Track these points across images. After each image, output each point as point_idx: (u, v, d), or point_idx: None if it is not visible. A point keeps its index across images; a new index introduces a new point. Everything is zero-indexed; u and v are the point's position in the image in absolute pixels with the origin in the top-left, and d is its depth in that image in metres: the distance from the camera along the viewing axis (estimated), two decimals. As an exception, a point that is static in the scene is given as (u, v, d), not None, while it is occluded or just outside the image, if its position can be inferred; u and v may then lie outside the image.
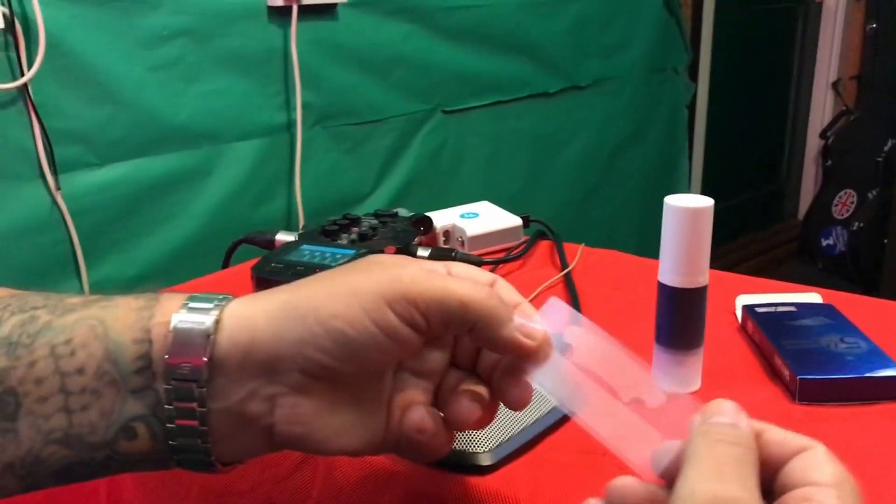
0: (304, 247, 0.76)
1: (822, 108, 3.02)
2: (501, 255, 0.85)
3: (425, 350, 0.42)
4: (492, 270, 0.81)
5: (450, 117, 1.81)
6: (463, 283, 0.40)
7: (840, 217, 2.82)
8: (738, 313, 0.69)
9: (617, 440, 0.37)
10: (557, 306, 0.43)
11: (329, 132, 1.57)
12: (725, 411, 0.35)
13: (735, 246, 2.90)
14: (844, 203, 2.82)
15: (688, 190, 2.39)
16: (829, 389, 0.56)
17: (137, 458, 0.39)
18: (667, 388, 0.41)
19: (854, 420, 0.55)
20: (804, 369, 0.57)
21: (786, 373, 0.58)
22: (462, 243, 0.86)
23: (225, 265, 0.87)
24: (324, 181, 1.58)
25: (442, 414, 0.43)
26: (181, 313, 0.39)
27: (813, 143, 3.05)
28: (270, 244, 0.82)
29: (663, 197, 0.57)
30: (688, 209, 0.55)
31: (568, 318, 0.42)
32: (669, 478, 0.36)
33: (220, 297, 0.40)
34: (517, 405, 0.42)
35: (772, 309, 0.67)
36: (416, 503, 0.50)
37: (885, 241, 2.42)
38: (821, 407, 0.56)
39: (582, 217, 2.15)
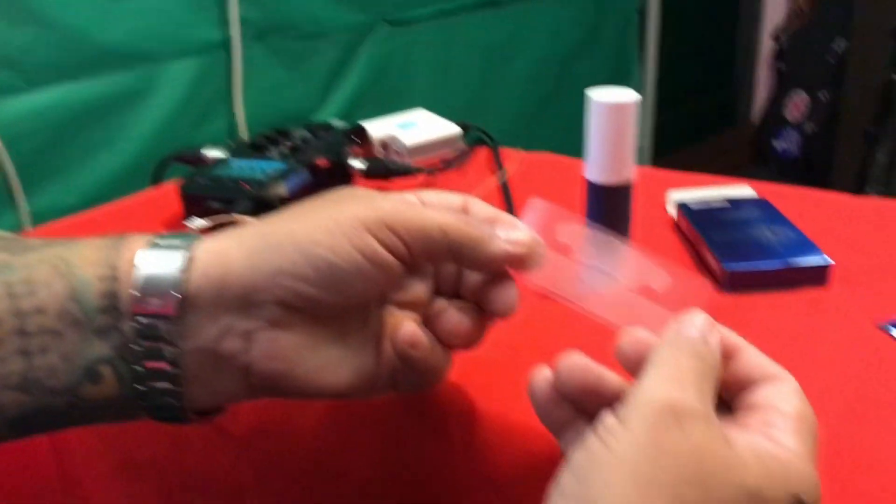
0: (233, 162, 0.74)
1: (774, 10, 2.99)
2: (439, 165, 0.83)
3: (408, 281, 0.41)
4: (429, 178, 0.80)
5: (396, 29, 1.76)
6: (441, 211, 0.39)
7: (793, 120, 2.83)
8: (672, 210, 0.69)
9: (629, 324, 0.37)
10: (541, 207, 0.42)
11: (270, 48, 1.52)
12: (698, 325, 0.35)
13: (690, 152, 2.91)
14: (797, 105, 2.83)
15: (641, 98, 2.37)
16: (756, 279, 0.57)
17: (102, 406, 0.37)
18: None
19: (781, 307, 0.56)
20: (732, 260, 0.57)
21: (714, 264, 0.59)
22: (399, 153, 0.85)
23: (154, 183, 0.85)
24: (267, 99, 1.54)
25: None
26: (150, 250, 0.37)
27: (766, 46, 3.04)
28: (199, 160, 0.80)
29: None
30: (611, 105, 0.54)
31: (555, 216, 0.42)
32: (630, 365, 0.36)
33: (190, 235, 0.38)
34: (506, 310, 0.41)
35: (704, 204, 0.67)
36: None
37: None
38: (749, 296, 0.57)
39: (535, 128, 2.14)
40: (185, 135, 1.42)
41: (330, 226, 0.37)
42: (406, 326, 0.40)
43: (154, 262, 0.36)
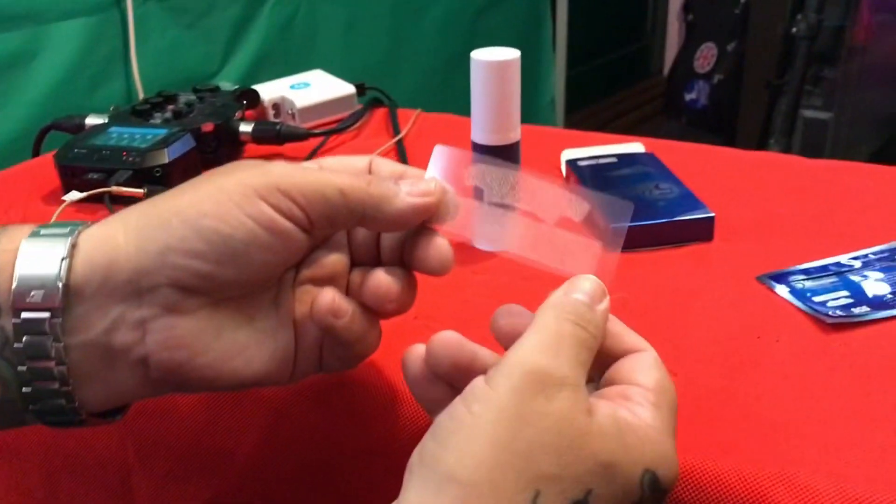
0: (113, 129, 0.71)
1: (684, -38, 3.02)
2: (334, 127, 0.81)
3: (320, 254, 0.39)
4: (322, 142, 0.78)
5: (300, -16, 1.71)
6: (339, 172, 0.37)
7: (702, 71, 2.87)
8: (564, 168, 0.69)
9: (557, 260, 0.36)
10: (446, 153, 0.40)
11: (164, 6, 1.46)
12: (586, 290, 0.34)
13: (604, 105, 2.93)
14: (706, 57, 2.87)
15: (553, 52, 2.37)
16: (641, 235, 0.57)
17: None
18: (489, 248, 0.39)
19: (665, 263, 0.56)
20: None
21: (600, 221, 0.59)
22: (292, 115, 0.82)
23: (35, 154, 0.81)
24: (165, 60, 1.48)
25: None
26: (30, 240, 0.34)
27: (676, -2, 3.07)
28: (80, 128, 0.76)
29: (528, 62, 0.54)
30: (493, 62, 0.53)
31: (462, 159, 0.40)
32: (505, 340, 0.36)
33: (76, 223, 0.36)
34: (440, 268, 0.38)
35: (594, 161, 0.67)
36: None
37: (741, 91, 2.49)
38: (634, 253, 0.57)
39: (448, 85, 2.11)
40: (78, 100, 1.35)
41: (217, 195, 0.35)
42: (324, 295, 0.38)
43: (35, 252, 0.34)
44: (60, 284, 0.33)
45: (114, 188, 0.64)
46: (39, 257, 0.34)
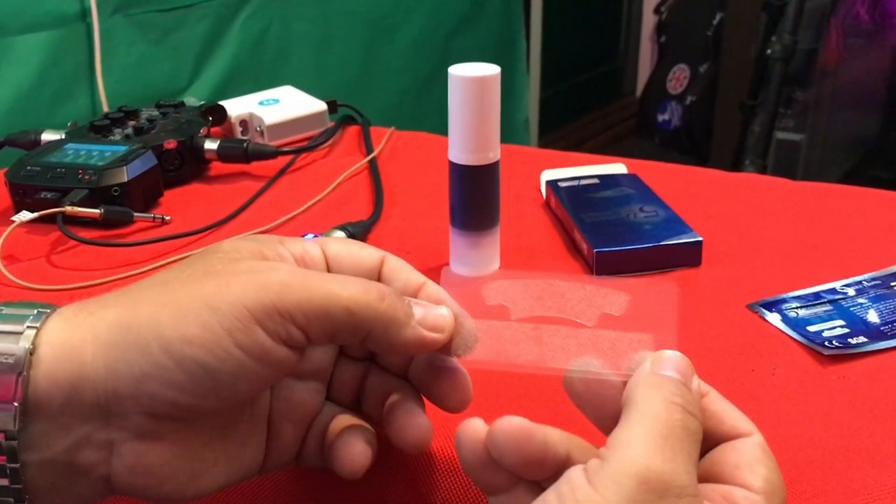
0: (69, 146, 0.67)
1: (656, -16, 3.03)
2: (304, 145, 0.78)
3: (306, 352, 0.34)
4: (291, 161, 0.75)
5: (271, 0, 1.68)
6: (347, 283, 0.32)
7: (674, 92, 2.88)
8: (544, 189, 0.67)
9: (611, 365, 0.32)
10: (457, 277, 0.36)
11: (132, 20, 1.42)
12: (677, 366, 0.30)
13: (577, 125, 2.93)
14: (678, 78, 2.88)
15: (527, 72, 2.36)
16: (625, 260, 0.55)
17: None
18: (467, 273, 0.35)
19: (651, 290, 0.54)
20: (601, 242, 0.55)
21: (584, 246, 0.56)
22: (261, 133, 0.79)
23: (-12, 172, 0.77)
24: (131, 76, 1.44)
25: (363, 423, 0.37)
26: None
27: (649, 20, 3.08)
28: (36, 144, 0.72)
29: (502, 81, 0.51)
30: (473, 78, 0.51)
31: (477, 280, 0.36)
32: (583, 404, 0.32)
33: (34, 310, 0.31)
34: (458, 405, 0.36)
35: (575, 182, 0.64)
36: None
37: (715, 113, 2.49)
38: (621, 279, 0.54)
39: (421, 103, 2.09)
40: (40, 116, 1.31)
41: (205, 317, 0.30)
42: (358, 451, 0.35)
43: None
44: (17, 405, 0.29)
45: (67, 208, 0.60)
46: None
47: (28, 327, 0.30)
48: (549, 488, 0.27)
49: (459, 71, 0.51)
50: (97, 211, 0.61)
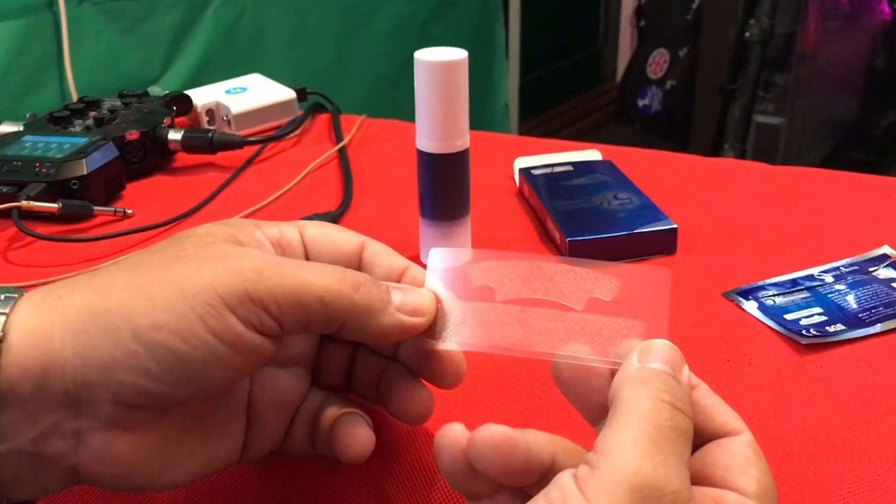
0: (27, 138, 0.65)
1: (635, -32, 3.02)
2: (272, 134, 0.76)
3: (285, 340, 0.33)
4: (259, 150, 0.73)
5: (244, -13, 1.65)
6: (322, 271, 0.31)
7: (654, 77, 2.87)
8: (517, 177, 0.65)
9: (598, 351, 0.30)
10: (444, 254, 0.35)
11: (100, 9, 1.39)
12: (667, 357, 0.28)
13: (557, 111, 2.92)
14: (658, 63, 2.87)
15: (506, 58, 2.34)
16: (599, 249, 0.53)
17: None
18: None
19: (625, 279, 0.52)
20: (573, 231, 0.53)
21: (557, 235, 0.55)
22: (228, 122, 0.77)
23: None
24: (101, 65, 1.41)
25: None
26: None
27: (628, 4, 3.07)
28: (-7, 137, 0.70)
29: (481, 67, 0.50)
30: (439, 63, 0.49)
31: (463, 258, 0.35)
32: (570, 394, 0.30)
33: (1, 295, 0.30)
34: (450, 384, 0.35)
35: (548, 170, 0.63)
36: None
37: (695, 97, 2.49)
38: (593, 268, 0.53)
39: (399, 90, 2.07)
40: (7, 107, 1.28)
41: (177, 303, 0.29)
42: (362, 435, 0.34)
43: None
44: None
45: (24, 203, 0.58)
46: None
47: None
48: (538, 494, 0.26)
49: (426, 56, 0.49)
50: (55, 205, 0.59)
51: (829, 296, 0.48)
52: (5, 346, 0.28)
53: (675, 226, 0.54)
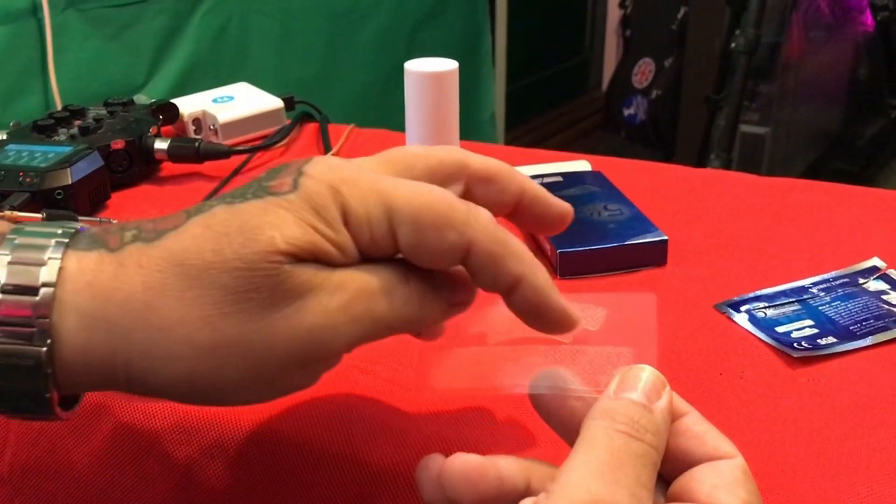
0: (10, 147, 0.64)
1: (620, -22, 3.03)
2: (259, 144, 0.76)
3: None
4: (246, 160, 0.72)
5: (231, -6, 1.65)
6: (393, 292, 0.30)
7: (640, 86, 2.88)
8: (507, 187, 0.65)
9: (589, 381, 0.31)
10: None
11: (85, 16, 1.39)
12: (644, 384, 0.29)
13: (543, 120, 2.92)
14: (643, 72, 2.89)
15: (493, 66, 2.34)
16: (590, 261, 0.53)
17: None
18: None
19: (615, 290, 0.52)
20: (564, 242, 0.53)
21: (547, 247, 0.55)
22: (215, 131, 0.77)
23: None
24: (85, 72, 1.40)
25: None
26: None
27: (614, 14, 3.08)
28: (-24, 146, 0.69)
29: (468, 76, 0.50)
30: (429, 73, 0.49)
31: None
32: (546, 415, 0.31)
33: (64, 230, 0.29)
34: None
35: (538, 181, 0.62)
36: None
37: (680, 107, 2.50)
38: (584, 280, 0.53)
39: (385, 99, 2.07)
40: (-11, 114, 1.27)
41: (236, 363, 0.29)
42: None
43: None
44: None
45: (7, 213, 0.57)
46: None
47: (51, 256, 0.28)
48: None
49: (416, 66, 0.49)
50: (39, 215, 0.58)
51: (819, 308, 0.48)
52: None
53: (665, 237, 0.54)
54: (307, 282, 0.29)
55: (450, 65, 0.49)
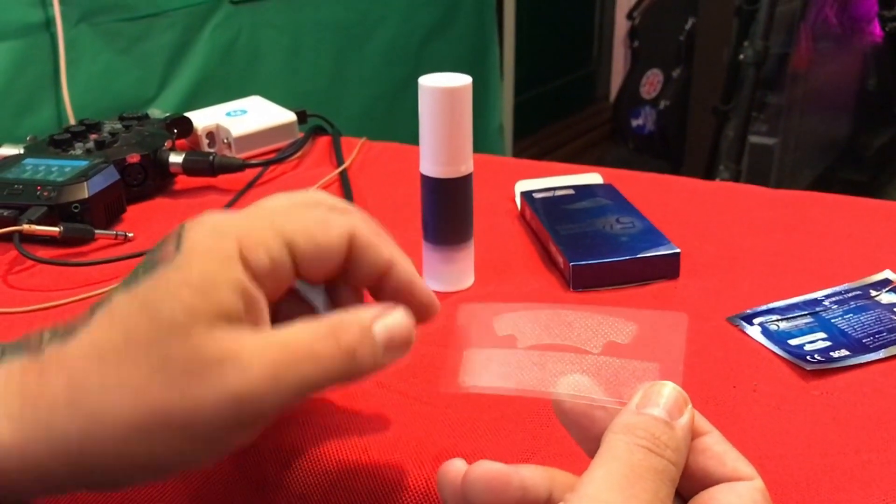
0: (28, 161, 0.65)
1: (628, -11, 3.04)
2: (273, 157, 0.76)
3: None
4: (260, 173, 0.73)
5: (240, 8, 1.66)
6: (314, 344, 0.31)
7: (648, 97, 2.89)
8: (518, 201, 0.65)
9: (613, 392, 0.31)
10: (470, 309, 0.36)
11: (98, 30, 1.40)
12: (667, 401, 0.29)
13: (550, 131, 2.93)
14: (651, 83, 2.89)
15: (501, 78, 2.35)
16: (603, 274, 0.53)
17: None
18: (440, 288, 0.36)
19: (629, 303, 0.52)
20: (577, 255, 0.53)
21: (560, 260, 0.55)
22: (228, 145, 0.77)
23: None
24: (97, 86, 1.41)
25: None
26: None
27: (622, 25, 3.09)
28: (-8, 160, 0.70)
29: (476, 88, 0.50)
30: (443, 89, 0.49)
31: (489, 312, 0.36)
32: (571, 426, 0.31)
33: None
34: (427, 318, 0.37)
35: (550, 193, 0.63)
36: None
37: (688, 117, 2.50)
38: (596, 293, 0.53)
39: (394, 112, 2.08)
40: (4, 128, 1.28)
41: (167, 436, 0.30)
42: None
43: None
44: None
45: (25, 226, 0.58)
46: None
47: None
48: None
49: (430, 81, 0.49)
50: (56, 229, 0.59)
51: (832, 321, 0.48)
52: None
53: (678, 250, 0.54)
54: (225, 349, 0.29)
55: (463, 80, 0.50)
